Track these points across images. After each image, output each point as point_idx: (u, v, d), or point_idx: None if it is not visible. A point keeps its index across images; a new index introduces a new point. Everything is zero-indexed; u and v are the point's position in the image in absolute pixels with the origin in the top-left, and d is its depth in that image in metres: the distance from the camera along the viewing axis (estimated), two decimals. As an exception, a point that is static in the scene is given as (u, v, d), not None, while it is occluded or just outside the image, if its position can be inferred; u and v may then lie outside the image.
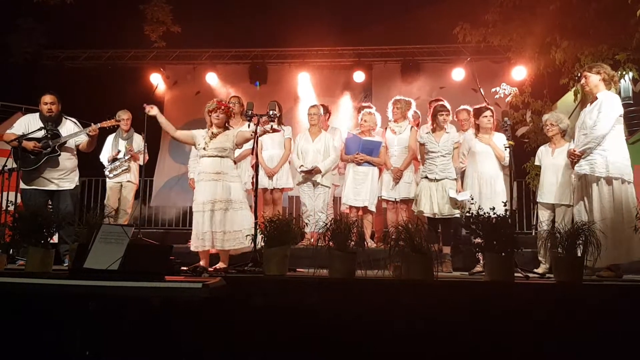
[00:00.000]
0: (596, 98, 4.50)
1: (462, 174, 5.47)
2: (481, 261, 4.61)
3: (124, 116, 6.37)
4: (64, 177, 5.20)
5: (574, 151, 4.49)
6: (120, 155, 6.43)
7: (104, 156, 6.51)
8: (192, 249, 4.58)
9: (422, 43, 8.92)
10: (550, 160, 5.05)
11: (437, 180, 5.16)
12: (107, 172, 6.49)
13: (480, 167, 5.18)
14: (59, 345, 3.14)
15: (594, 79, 4.52)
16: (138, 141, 6.57)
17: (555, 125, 5.07)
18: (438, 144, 5.22)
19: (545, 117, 5.26)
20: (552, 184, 4.97)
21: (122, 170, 6.45)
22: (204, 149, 4.60)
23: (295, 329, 3.27)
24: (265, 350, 3.25)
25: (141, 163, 6.62)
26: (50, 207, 5.09)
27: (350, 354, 3.24)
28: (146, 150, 6.60)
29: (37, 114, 5.28)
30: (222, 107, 4.72)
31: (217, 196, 4.48)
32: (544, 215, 5.04)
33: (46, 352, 3.20)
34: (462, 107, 5.95)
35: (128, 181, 6.50)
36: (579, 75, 6.31)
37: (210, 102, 4.79)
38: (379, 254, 4.14)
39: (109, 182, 6.53)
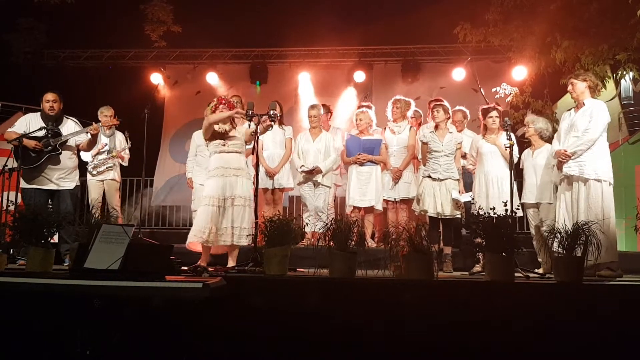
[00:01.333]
0: (583, 104, 4.64)
1: (467, 176, 5.49)
2: (480, 261, 4.63)
3: (107, 112, 6.25)
4: (64, 177, 5.20)
5: (565, 152, 4.54)
6: (104, 150, 6.29)
7: (87, 153, 6.30)
8: (201, 241, 4.47)
9: (423, 43, 8.92)
10: (531, 162, 5.12)
11: (441, 180, 5.16)
12: (90, 169, 6.31)
13: (487, 168, 5.19)
14: (59, 345, 3.15)
15: (580, 86, 4.67)
16: (120, 139, 6.44)
17: (531, 127, 5.13)
18: (442, 144, 5.22)
19: (526, 120, 5.36)
20: (532, 184, 5.04)
21: (107, 168, 6.30)
22: (224, 145, 4.64)
23: (296, 328, 3.27)
24: (266, 350, 3.25)
25: (124, 163, 6.54)
26: (50, 207, 5.08)
27: (351, 354, 3.24)
28: (127, 150, 6.48)
29: (39, 113, 5.28)
30: (223, 102, 4.75)
31: (237, 192, 4.54)
32: (530, 214, 5.08)
33: (47, 352, 3.20)
34: (457, 107, 5.95)
35: (112, 179, 6.35)
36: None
37: (211, 102, 4.80)
38: (380, 253, 4.14)
39: (92, 180, 6.32)
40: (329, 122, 6.64)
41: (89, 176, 6.40)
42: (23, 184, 5.15)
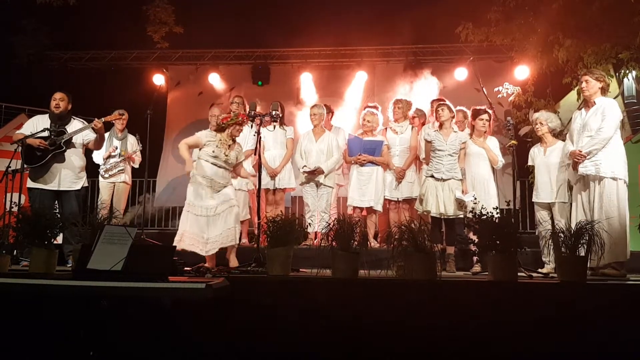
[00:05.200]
0: (594, 103, 4.59)
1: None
2: (479, 261, 4.63)
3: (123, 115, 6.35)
4: (71, 178, 5.20)
5: (580, 152, 4.51)
6: (115, 154, 6.37)
7: (98, 155, 6.41)
8: (198, 251, 4.48)
9: (425, 42, 8.90)
10: (543, 160, 5.08)
11: (444, 180, 5.15)
12: (101, 172, 6.41)
13: (474, 169, 5.22)
14: (62, 346, 3.15)
15: (594, 85, 4.60)
16: (132, 141, 6.53)
17: (545, 124, 5.11)
18: (446, 143, 5.21)
19: (536, 116, 5.30)
20: (546, 183, 5.02)
21: (118, 171, 6.39)
22: (217, 157, 4.60)
23: (298, 329, 3.27)
24: (269, 350, 3.25)
25: (135, 165, 6.61)
26: (56, 209, 5.09)
27: (354, 354, 3.24)
28: (139, 152, 6.56)
29: (47, 115, 5.32)
30: (244, 121, 4.75)
31: (221, 200, 4.54)
32: (542, 216, 5.06)
33: (50, 353, 3.21)
34: (458, 107, 5.95)
35: (122, 182, 6.44)
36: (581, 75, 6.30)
37: (233, 116, 4.77)
38: (382, 254, 4.13)
39: (103, 182, 6.43)
40: (330, 122, 6.64)
41: (100, 178, 6.46)
42: (29, 184, 5.16)
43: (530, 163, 5.30)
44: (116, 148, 6.38)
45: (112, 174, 6.39)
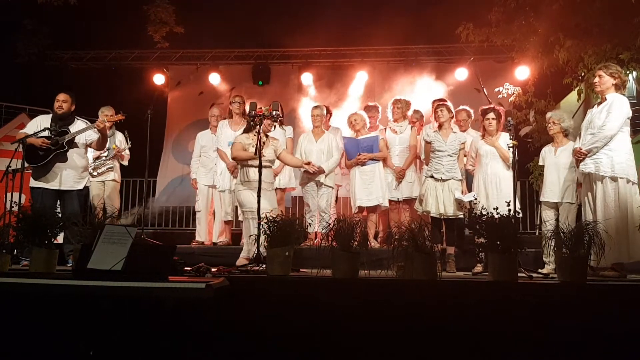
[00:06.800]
0: (605, 99, 4.51)
1: (470, 177, 5.47)
2: (482, 261, 4.61)
3: (108, 112, 6.23)
4: (74, 178, 5.20)
5: (580, 149, 4.50)
6: (105, 153, 6.33)
7: (89, 154, 6.40)
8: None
9: (425, 43, 8.91)
10: (553, 159, 5.04)
11: (444, 181, 5.15)
12: (90, 170, 6.28)
13: (486, 169, 5.19)
14: (62, 346, 3.15)
15: (607, 81, 4.53)
16: (120, 139, 6.48)
17: (557, 124, 5.06)
18: (445, 143, 5.21)
19: (549, 115, 5.24)
20: (554, 182, 4.97)
21: (107, 169, 6.36)
22: (260, 156, 4.69)
23: (299, 329, 3.27)
24: (268, 350, 3.25)
25: (124, 163, 6.58)
26: (57, 210, 5.09)
27: (354, 354, 3.24)
28: (127, 150, 6.52)
29: (50, 115, 5.33)
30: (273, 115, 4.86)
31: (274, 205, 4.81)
32: (548, 215, 5.03)
33: (50, 352, 3.21)
34: (461, 107, 5.94)
35: (112, 180, 6.40)
36: (582, 74, 6.29)
37: (265, 110, 4.81)
38: (383, 254, 4.14)
39: (93, 181, 6.32)
40: (328, 123, 6.65)
41: (89, 177, 6.41)
42: (32, 183, 5.17)
43: (540, 162, 5.27)
44: (107, 149, 6.34)
45: (100, 172, 6.34)
